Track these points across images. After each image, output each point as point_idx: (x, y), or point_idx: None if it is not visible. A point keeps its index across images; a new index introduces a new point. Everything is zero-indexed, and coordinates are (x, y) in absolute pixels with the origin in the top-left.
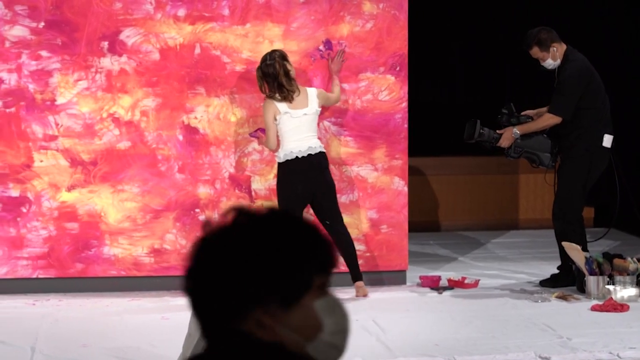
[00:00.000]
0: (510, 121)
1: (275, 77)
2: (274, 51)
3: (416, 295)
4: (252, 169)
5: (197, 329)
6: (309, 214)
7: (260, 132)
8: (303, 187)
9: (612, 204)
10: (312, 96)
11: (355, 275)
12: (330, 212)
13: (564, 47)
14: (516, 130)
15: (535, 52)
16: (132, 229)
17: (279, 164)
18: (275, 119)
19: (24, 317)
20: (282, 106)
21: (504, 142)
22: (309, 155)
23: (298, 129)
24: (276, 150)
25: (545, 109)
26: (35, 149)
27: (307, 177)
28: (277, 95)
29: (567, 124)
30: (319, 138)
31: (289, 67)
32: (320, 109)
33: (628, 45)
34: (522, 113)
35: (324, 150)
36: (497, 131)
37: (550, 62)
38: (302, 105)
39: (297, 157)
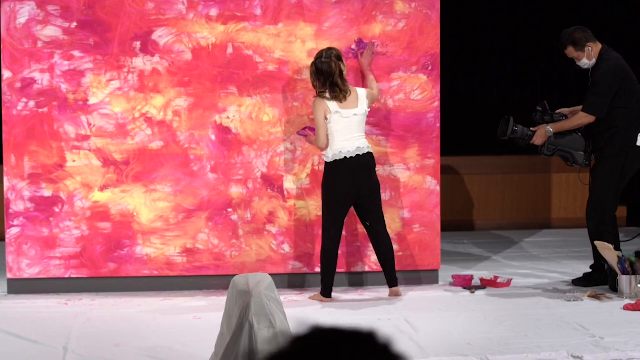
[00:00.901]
0: (544, 119)
1: (329, 76)
2: (330, 49)
3: (449, 295)
4: (285, 168)
5: (229, 329)
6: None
7: (308, 130)
8: (351, 187)
9: None
10: (362, 97)
11: (391, 280)
12: (373, 213)
13: (599, 46)
14: (550, 128)
15: (570, 51)
16: (165, 229)
17: (327, 163)
18: (326, 118)
19: (56, 316)
20: (332, 105)
21: (538, 140)
22: (358, 155)
23: (348, 128)
24: (326, 149)
25: (580, 107)
26: (68, 149)
27: (355, 178)
28: (327, 94)
29: (601, 123)
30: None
31: (343, 67)
32: (369, 110)
33: None
34: (557, 111)
35: (372, 151)
36: (531, 129)
37: (586, 62)
38: (353, 106)
39: (345, 157)
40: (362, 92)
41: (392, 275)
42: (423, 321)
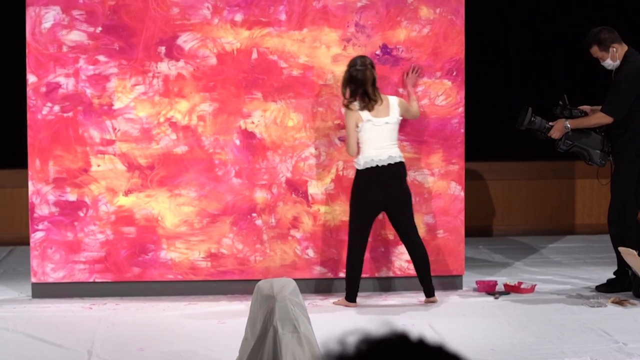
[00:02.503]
0: (563, 113)
1: (362, 85)
2: (364, 57)
3: (472, 300)
4: (309, 173)
5: (253, 333)
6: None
7: None
8: (379, 196)
9: None
10: (393, 105)
11: (428, 290)
12: (406, 222)
13: (624, 48)
14: (567, 124)
15: (595, 51)
16: (189, 234)
17: (358, 170)
18: (357, 126)
19: (81, 321)
20: (364, 114)
21: (555, 133)
22: (389, 164)
23: (380, 137)
24: (356, 156)
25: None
26: (93, 153)
27: (386, 187)
28: (355, 103)
29: (619, 125)
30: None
31: (375, 75)
32: (401, 118)
33: None
34: (579, 107)
35: (404, 160)
36: (550, 122)
37: (610, 63)
38: (384, 114)
39: (377, 165)
40: (393, 100)
41: (428, 284)
42: (447, 326)
